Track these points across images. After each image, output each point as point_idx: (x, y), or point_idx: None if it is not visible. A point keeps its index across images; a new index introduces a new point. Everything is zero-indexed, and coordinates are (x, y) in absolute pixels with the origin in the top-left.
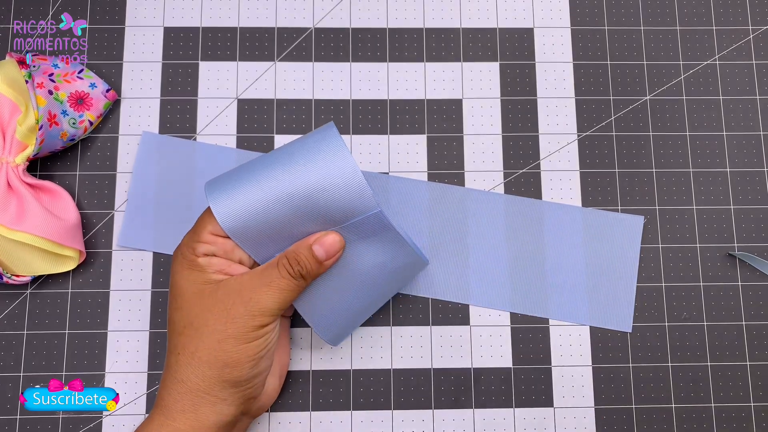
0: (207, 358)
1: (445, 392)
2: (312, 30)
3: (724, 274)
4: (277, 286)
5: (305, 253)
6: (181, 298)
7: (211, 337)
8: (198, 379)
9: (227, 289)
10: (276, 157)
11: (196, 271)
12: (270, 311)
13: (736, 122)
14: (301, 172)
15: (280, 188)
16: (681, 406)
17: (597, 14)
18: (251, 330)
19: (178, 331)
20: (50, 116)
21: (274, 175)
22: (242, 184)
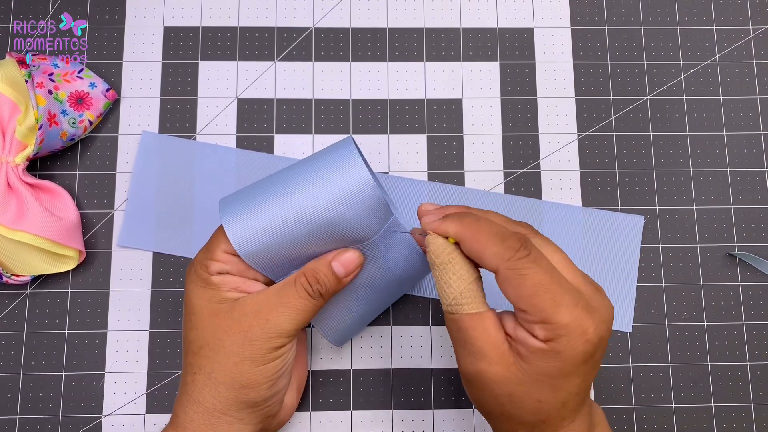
0: (224, 380)
1: (445, 392)
2: (312, 30)
3: (724, 274)
4: (295, 307)
5: (324, 270)
6: (195, 317)
7: (227, 358)
8: (215, 399)
9: (243, 309)
10: (290, 176)
11: (211, 290)
12: (287, 332)
13: (736, 122)
14: (316, 191)
15: (295, 209)
16: (681, 406)
17: (597, 14)
18: (268, 352)
19: (193, 350)
20: (50, 116)
21: (288, 195)
22: (257, 206)
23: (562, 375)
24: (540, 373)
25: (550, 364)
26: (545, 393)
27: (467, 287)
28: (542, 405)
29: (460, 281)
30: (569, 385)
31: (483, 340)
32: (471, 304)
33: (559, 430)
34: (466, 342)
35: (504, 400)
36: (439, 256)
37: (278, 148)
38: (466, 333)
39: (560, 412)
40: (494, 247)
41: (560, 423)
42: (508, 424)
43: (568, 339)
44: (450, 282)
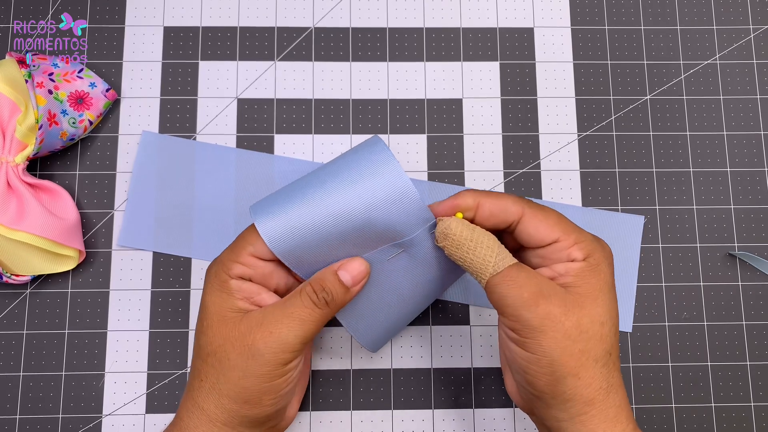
0: (227, 392)
1: (445, 392)
2: (312, 30)
3: (724, 274)
4: (299, 317)
5: (330, 278)
6: (207, 321)
7: (232, 372)
8: (218, 410)
9: (250, 321)
10: (323, 175)
11: (225, 294)
12: (292, 347)
13: (736, 122)
14: (351, 189)
15: (329, 206)
16: (681, 406)
17: (597, 14)
18: (274, 368)
19: (202, 356)
20: (50, 116)
21: (322, 193)
22: (289, 205)
23: (607, 289)
24: (592, 291)
25: (596, 278)
26: (603, 312)
27: (499, 246)
28: (604, 328)
29: (492, 242)
30: (611, 304)
31: (535, 279)
32: (508, 258)
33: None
34: (522, 288)
35: (575, 333)
36: (462, 232)
37: (278, 148)
38: (519, 280)
39: (615, 341)
40: (511, 197)
41: (616, 360)
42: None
43: (598, 253)
44: (484, 247)
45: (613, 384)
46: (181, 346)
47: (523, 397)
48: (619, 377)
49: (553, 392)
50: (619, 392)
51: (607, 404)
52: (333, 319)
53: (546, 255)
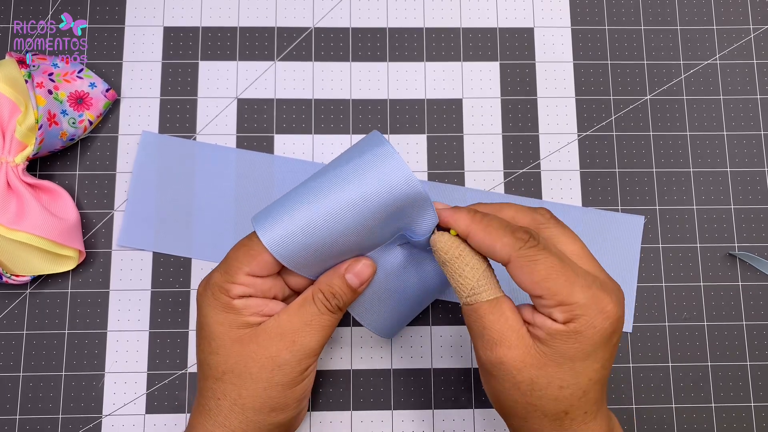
0: (252, 405)
1: (445, 392)
2: (312, 30)
3: (724, 274)
4: (318, 324)
5: (339, 283)
6: (216, 343)
7: (257, 385)
8: (242, 424)
9: (268, 333)
10: (322, 176)
11: (232, 314)
12: (314, 351)
13: (736, 122)
14: (352, 186)
15: (330, 206)
16: (681, 406)
17: (597, 14)
18: (298, 374)
19: (215, 376)
20: (50, 116)
21: (322, 193)
22: (290, 211)
23: (582, 357)
24: (561, 356)
25: (571, 345)
26: (567, 378)
27: (482, 275)
28: (564, 392)
29: (473, 271)
30: (589, 369)
31: (501, 323)
32: (487, 291)
33: (582, 426)
34: (485, 329)
35: (525, 389)
36: (448, 251)
37: (278, 148)
38: (485, 320)
39: (582, 403)
40: (504, 238)
41: (583, 417)
42: (530, 419)
43: (586, 318)
44: (464, 273)
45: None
46: (181, 346)
47: None
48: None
49: (504, 419)
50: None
51: None
52: None
53: (533, 301)
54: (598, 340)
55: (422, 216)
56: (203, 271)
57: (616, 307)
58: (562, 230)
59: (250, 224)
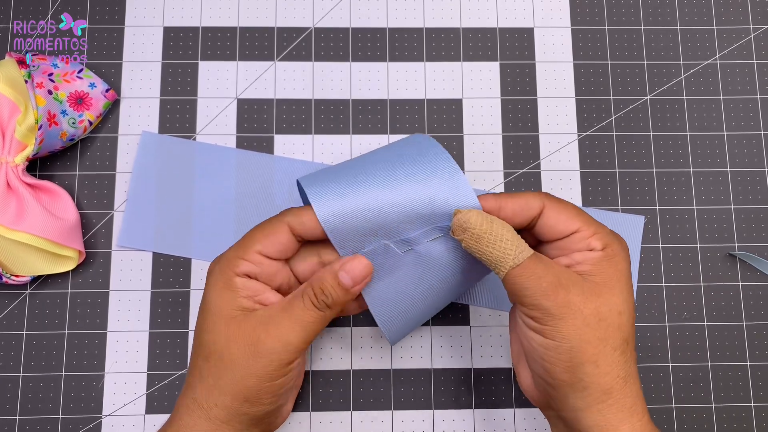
0: (229, 390)
1: (445, 392)
2: (312, 30)
3: (724, 274)
4: (302, 320)
5: (330, 281)
6: (211, 320)
7: (235, 371)
8: (218, 408)
9: (254, 320)
10: (374, 158)
11: (229, 292)
12: (295, 347)
13: (736, 122)
14: (397, 163)
15: (376, 178)
16: (681, 406)
17: (597, 14)
18: (276, 369)
19: (204, 354)
20: (50, 116)
21: (367, 166)
22: (343, 182)
23: (624, 280)
24: (609, 280)
25: (614, 269)
26: (620, 303)
27: (518, 236)
28: (622, 318)
29: (511, 232)
30: (628, 294)
31: (554, 268)
32: (528, 248)
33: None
34: (542, 279)
35: (593, 321)
36: (482, 225)
37: (278, 148)
38: (546, 270)
39: (632, 331)
40: (535, 193)
41: (633, 350)
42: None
43: (615, 244)
44: (505, 236)
45: (630, 374)
46: (181, 347)
47: (539, 389)
48: (635, 368)
49: (571, 380)
50: (635, 383)
51: (624, 394)
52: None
53: (565, 245)
54: (626, 266)
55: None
56: (203, 271)
57: (624, 241)
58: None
59: (249, 224)
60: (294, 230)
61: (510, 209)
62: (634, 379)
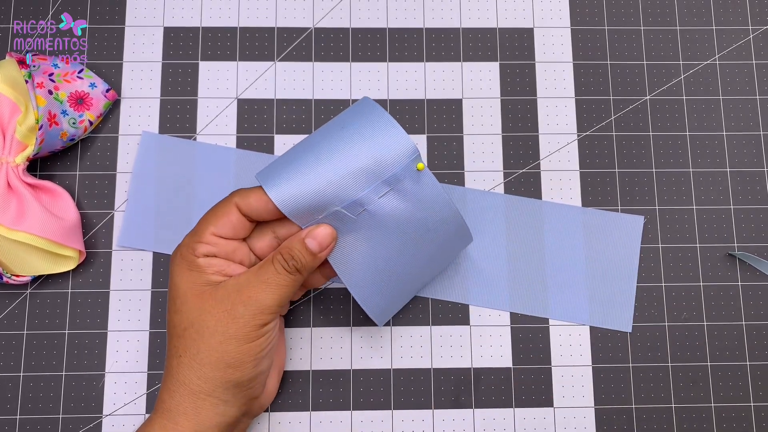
0: (209, 360)
1: (445, 392)
2: (312, 30)
3: (724, 274)
4: (275, 282)
5: (298, 247)
6: (180, 300)
7: (212, 338)
8: (200, 381)
9: (226, 289)
10: (321, 134)
11: (196, 272)
12: (269, 309)
13: (736, 122)
14: (338, 133)
15: (321, 153)
16: (681, 406)
17: (597, 14)
18: (253, 329)
19: (178, 333)
20: (50, 116)
21: (313, 145)
22: (293, 165)
23: None
24: None
25: None
26: None
27: None
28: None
29: None
30: None
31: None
32: None
33: None
34: None
35: None
36: None
37: (278, 149)
38: None
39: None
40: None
41: None
42: None
43: None
44: None
45: None
46: None
47: None
48: None
49: None
50: None
51: None
52: (332, 320)
53: None
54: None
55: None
56: None
57: None
58: None
59: None
60: (242, 210)
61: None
62: None
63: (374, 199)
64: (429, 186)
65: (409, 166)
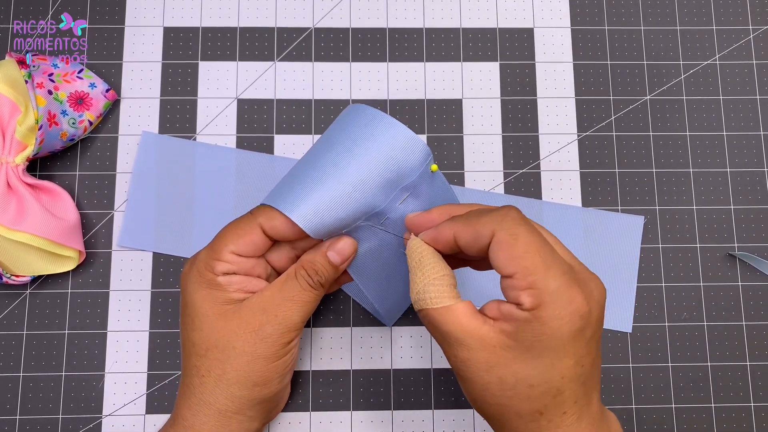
0: (236, 380)
1: (445, 392)
2: (312, 30)
3: (724, 274)
4: (300, 299)
5: (321, 261)
6: (200, 319)
7: (240, 359)
8: (227, 400)
9: (251, 308)
10: (322, 148)
11: (216, 291)
12: (297, 326)
13: (736, 122)
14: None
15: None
16: (681, 406)
17: (597, 14)
18: (280, 348)
19: (199, 353)
20: (50, 116)
21: (327, 161)
22: (304, 184)
23: (549, 351)
24: (526, 350)
25: (536, 338)
26: (535, 375)
27: (431, 282)
28: (534, 390)
29: (437, 275)
30: (560, 366)
31: (456, 329)
32: (438, 298)
33: (562, 428)
34: (443, 335)
35: (495, 389)
36: (410, 256)
37: (278, 149)
38: (439, 327)
39: (557, 402)
40: (488, 215)
41: (562, 418)
42: (506, 421)
43: (553, 307)
44: (415, 279)
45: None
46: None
47: None
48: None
49: (488, 423)
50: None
51: None
52: (332, 320)
53: (503, 289)
54: (566, 333)
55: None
56: None
57: (585, 300)
58: (539, 225)
59: None
60: (266, 231)
61: (463, 240)
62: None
63: (395, 207)
64: (441, 186)
65: (426, 170)
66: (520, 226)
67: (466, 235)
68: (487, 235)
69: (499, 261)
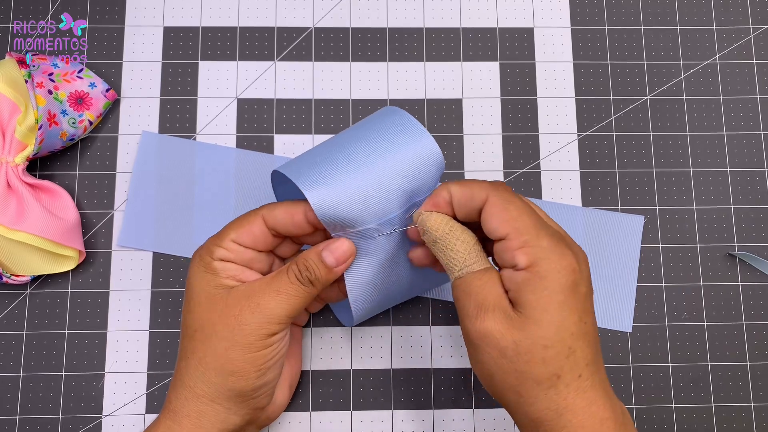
0: (214, 365)
1: (445, 392)
2: (312, 30)
3: (724, 274)
4: (285, 292)
5: (314, 259)
6: (193, 301)
7: (219, 343)
8: (204, 385)
9: (237, 294)
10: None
11: (210, 275)
12: (278, 318)
13: (736, 122)
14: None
15: (358, 160)
16: (681, 406)
17: (597, 14)
18: (258, 339)
19: (189, 334)
20: (50, 116)
21: (352, 152)
22: (323, 165)
23: (554, 306)
24: (534, 310)
25: (539, 294)
26: (548, 335)
27: (472, 248)
28: (549, 351)
29: (464, 244)
30: (567, 322)
31: (487, 290)
32: (478, 263)
33: (580, 394)
34: (471, 296)
35: (511, 354)
36: (438, 228)
37: (278, 148)
38: (473, 287)
39: (571, 363)
40: (482, 182)
41: (578, 382)
42: (524, 390)
43: (548, 261)
44: (456, 248)
45: (568, 407)
46: None
47: None
48: (579, 400)
49: (500, 400)
50: (577, 415)
51: (559, 425)
52: (332, 320)
53: (497, 253)
54: (565, 284)
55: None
56: None
57: (574, 257)
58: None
59: None
60: (267, 222)
61: (457, 198)
62: (574, 412)
63: (404, 218)
64: None
65: (436, 184)
66: (512, 194)
67: (461, 194)
68: (481, 197)
69: (493, 223)
